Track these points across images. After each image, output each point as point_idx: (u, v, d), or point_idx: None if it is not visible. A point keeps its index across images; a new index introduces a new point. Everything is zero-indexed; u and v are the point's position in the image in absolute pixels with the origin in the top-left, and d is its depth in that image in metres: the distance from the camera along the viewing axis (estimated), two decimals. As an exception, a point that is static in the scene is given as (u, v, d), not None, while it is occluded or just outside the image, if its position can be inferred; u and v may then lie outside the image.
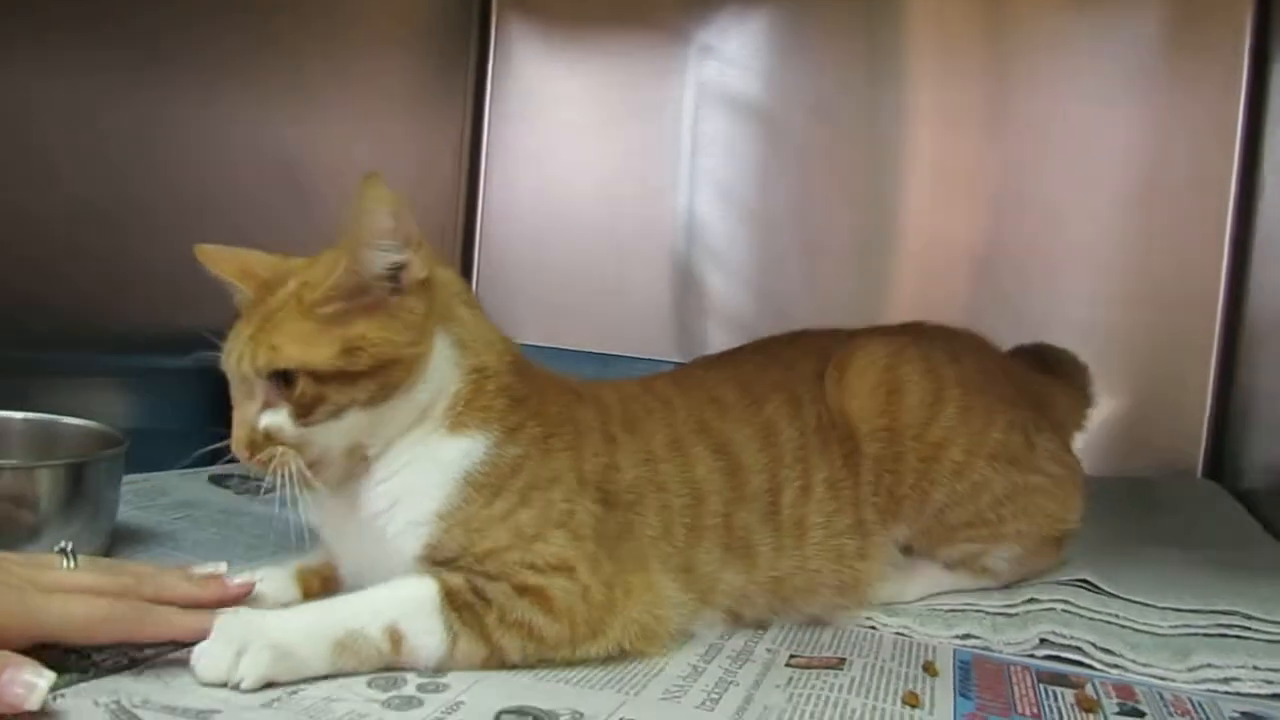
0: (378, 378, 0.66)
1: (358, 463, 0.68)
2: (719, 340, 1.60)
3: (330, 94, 1.46)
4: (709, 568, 0.74)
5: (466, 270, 1.70)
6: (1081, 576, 0.85)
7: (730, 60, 1.59)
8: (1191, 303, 1.39)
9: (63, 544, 0.65)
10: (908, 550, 0.84)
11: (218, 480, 1.12)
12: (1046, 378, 0.93)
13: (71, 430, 0.89)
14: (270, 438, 0.65)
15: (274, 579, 0.72)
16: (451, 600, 0.65)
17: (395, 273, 0.66)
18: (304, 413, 0.65)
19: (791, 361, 0.85)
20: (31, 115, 1.06)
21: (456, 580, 0.65)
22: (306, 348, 0.64)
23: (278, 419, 0.65)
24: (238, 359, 0.66)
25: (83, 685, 0.60)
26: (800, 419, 0.80)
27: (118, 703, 0.58)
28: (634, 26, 1.64)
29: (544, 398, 0.72)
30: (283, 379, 0.65)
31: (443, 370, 0.69)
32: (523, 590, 0.66)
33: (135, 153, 1.16)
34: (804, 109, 1.57)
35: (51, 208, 1.06)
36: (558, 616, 0.66)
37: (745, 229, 1.61)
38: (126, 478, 1.07)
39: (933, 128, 1.51)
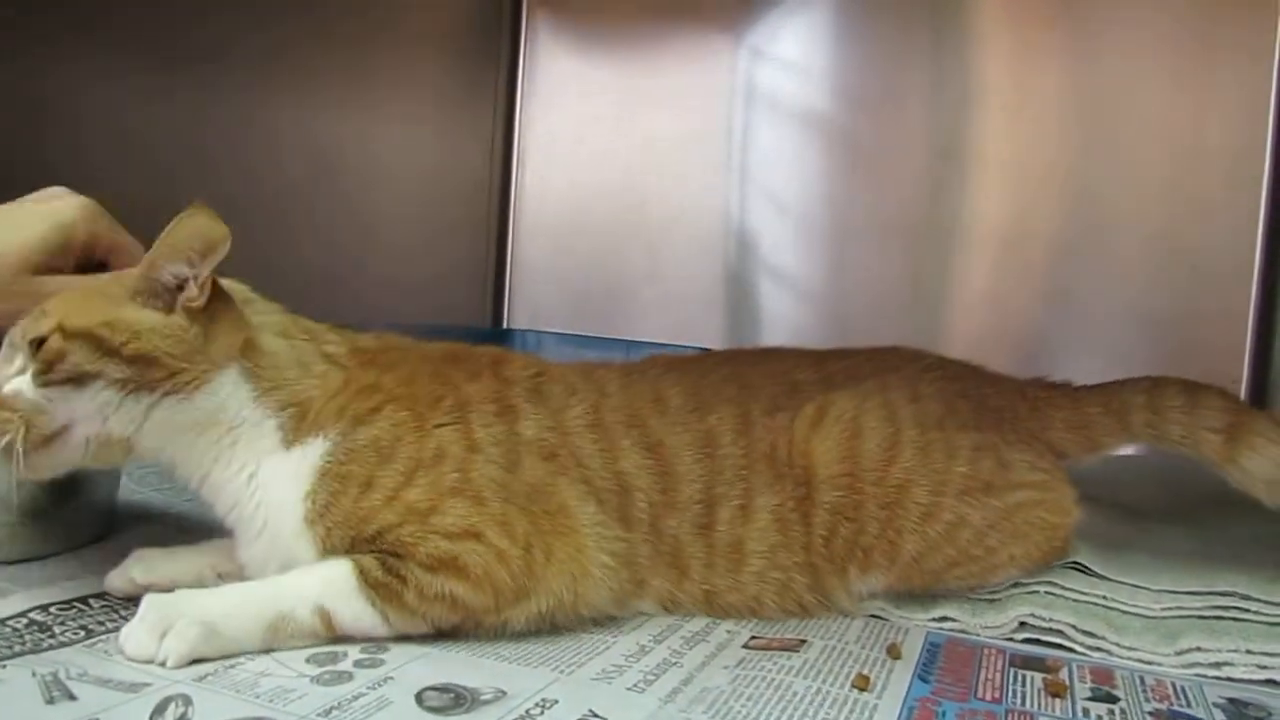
0: (134, 365, 0.65)
1: (118, 454, 0.68)
2: (757, 329, 1.59)
3: (365, 90, 1.49)
4: (640, 561, 0.73)
5: (500, 259, 1.72)
6: (1075, 559, 0.81)
7: (769, 53, 1.57)
8: (1226, 280, 1.34)
9: None
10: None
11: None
12: (1009, 384, 0.87)
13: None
14: (7, 403, 0.64)
15: (219, 551, 0.73)
16: (367, 579, 0.65)
17: (180, 287, 0.67)
18: (43, 369, 0.64)
19: (752, 383, 0.82)
20: (80, 116, 1.11)
21: (368, 560, 0.66)
22: (72, 313, 0.65)
23: (20, 383, 0.64)
24: (18, 328, 0.66)
25: (30, 657, 0.61)
26: (747, 438, 0.77)
27: (54, 675, 0.59)
28: (658, 16, 1.63)
29: (413, 381, 0.72)
30: (39, 345, 0.64)
31: (236, 399, 0.69)
32: (435, 565, 0.65)
33: (179, 151, 1.21)
34: (852, 94, 1.55)
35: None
36: (478, 584, 0.66)
37: (785, 221, 1.59)
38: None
39: (1000, 120, 1.46)
